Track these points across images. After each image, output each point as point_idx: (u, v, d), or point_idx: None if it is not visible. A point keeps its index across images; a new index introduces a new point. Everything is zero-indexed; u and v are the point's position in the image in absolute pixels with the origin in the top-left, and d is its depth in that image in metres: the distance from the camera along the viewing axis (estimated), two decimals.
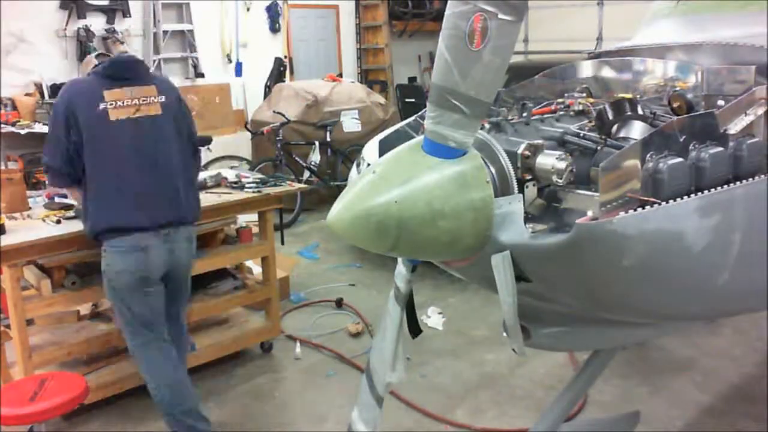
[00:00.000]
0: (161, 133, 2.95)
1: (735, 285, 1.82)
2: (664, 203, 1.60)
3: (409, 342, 2.24)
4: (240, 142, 7.82)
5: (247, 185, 3.91)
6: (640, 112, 2.09)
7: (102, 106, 2.85)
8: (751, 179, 1.78)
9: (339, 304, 4.83)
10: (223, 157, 7.25)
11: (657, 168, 1.66)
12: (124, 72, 2.95)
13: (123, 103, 2.88)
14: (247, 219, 4.34)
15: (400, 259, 2.03)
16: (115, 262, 2.86)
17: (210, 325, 4.03)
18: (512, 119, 2.09)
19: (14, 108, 6.66)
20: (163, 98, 2.98)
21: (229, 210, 3.76)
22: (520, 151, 1.81)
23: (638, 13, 3.25)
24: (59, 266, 3.30)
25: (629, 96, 2.23)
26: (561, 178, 1.77)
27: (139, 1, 7.70)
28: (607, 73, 2.52)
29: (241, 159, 7.55)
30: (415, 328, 2.14)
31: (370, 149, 5.66)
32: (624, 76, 2.48)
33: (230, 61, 8.69)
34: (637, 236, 1.57)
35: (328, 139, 7.24)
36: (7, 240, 3.01)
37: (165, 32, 7.88)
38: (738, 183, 1.76)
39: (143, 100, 2.93)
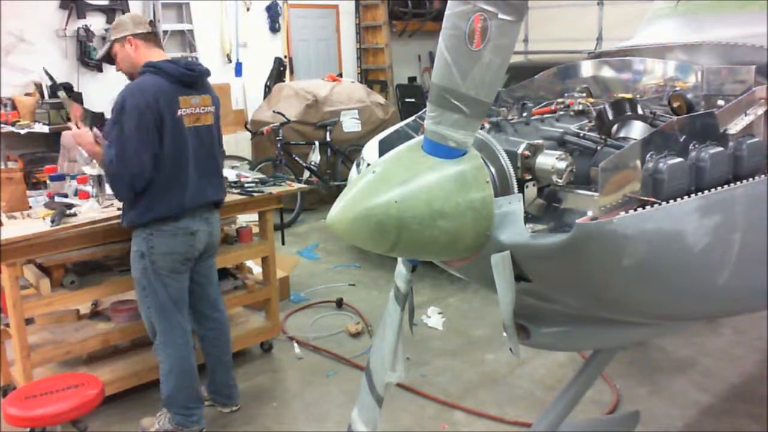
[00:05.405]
0: (211, 140, 3.19)
1: (735, 285, 1.82)
2: (664, 203, 1.60)
3: (409, 342, 2.24)
4: (240, 142, 7.81)
5: (247, 185, 3.91)
6: (640, 112, 2.09)
7: (179, 112, 3.00)
8: (751, 179, 1.78)
9: (339, 304, 4.83)
10: None
11: (657, 168, 1.66)
12: (196, 81, 3.09)
13: (189, 111, 3.04)
14: (247, 219, 4.35)
15: (400, 259, 2.03)
16: (162, 244, 3.01)
17: None
18: (512, 119, 2.09)
19: (14, 108, 6.66)
20: (213, 108, 3.18)
21: (229, 210, 3.76)
22: (520, 151, 1.81)
23: (638, 13, 3.25)
24: (58, 265, 3.30)
25: (629, 96, 2.23)
26: (561, 178, 1.77)
27: (139, 1, 7.70)
28: (607, 73, 2.52)
29: (241, 159, 7.54)
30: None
31: (370, 149, 5.66)
32: (624, 76, 2.48)
33: (230, 61, 8.70)
34: (637, 236, 1.56)
35: (328, 139, 7.23)
36: (4, 236, 2.98)
37: (165, 32, 7.88)
38: (738, 183, 1.76)
39: (202, 110, 3.11)
